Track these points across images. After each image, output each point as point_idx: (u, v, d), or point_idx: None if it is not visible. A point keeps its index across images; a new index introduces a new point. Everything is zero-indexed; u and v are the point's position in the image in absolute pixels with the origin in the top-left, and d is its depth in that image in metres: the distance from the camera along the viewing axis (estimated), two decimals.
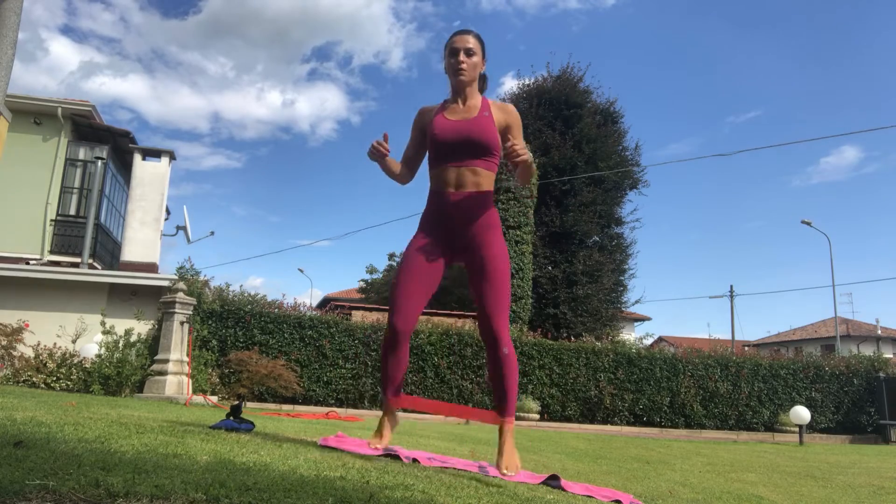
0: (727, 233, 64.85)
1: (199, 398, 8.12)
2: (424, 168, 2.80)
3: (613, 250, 18.43)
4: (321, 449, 2.97)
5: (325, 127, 74.59)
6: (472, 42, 2.64)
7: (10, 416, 3.09)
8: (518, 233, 14.96)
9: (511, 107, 2.70)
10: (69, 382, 8.33)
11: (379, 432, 2.87)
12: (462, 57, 2.62)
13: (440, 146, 2.58)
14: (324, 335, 11.74)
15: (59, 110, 12.75)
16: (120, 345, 8.57)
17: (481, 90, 2.73)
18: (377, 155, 2.60)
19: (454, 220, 2.57)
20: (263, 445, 2.77)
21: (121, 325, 8.85)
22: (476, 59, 2.65)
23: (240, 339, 11.22)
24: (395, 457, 2.97)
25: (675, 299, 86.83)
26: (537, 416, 11.93)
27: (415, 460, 2.94)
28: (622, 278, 18.52)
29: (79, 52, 68.60)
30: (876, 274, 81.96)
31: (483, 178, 2.57)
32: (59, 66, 67.40)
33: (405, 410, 12.22)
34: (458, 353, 11.98)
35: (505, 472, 2.54)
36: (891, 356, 17.91)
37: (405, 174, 2.77)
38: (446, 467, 2.87)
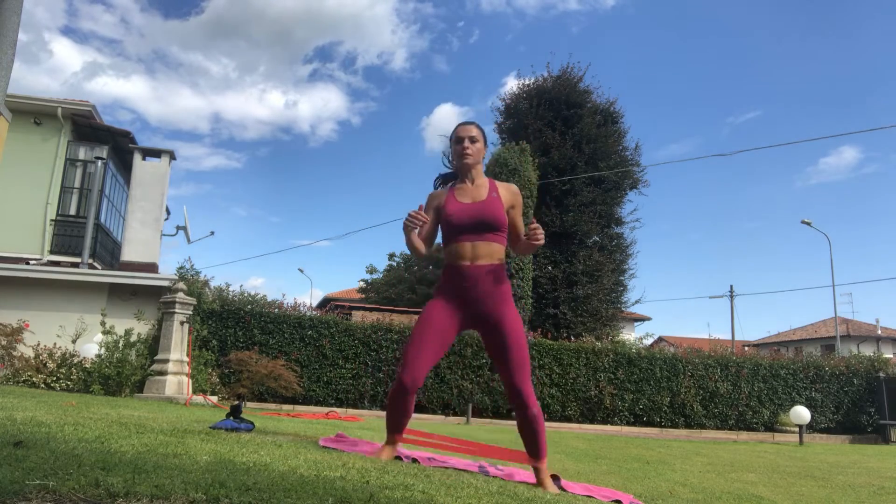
0: (727, 233, 64.89)
1: (199, 398, 8.11)
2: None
3: (613, 250, 18.42)
4: (321, 449, 2.97)
5: (326, 127, 74.62)
6: (474, 131, 2.95)
7: (10, 416, 3.09)
8: None
9: (515, 188, 2.98)
10: (69, 382, 8.32)
11: (379, 454, 2.93)
12: (466, 144, 2.91)
13: (455, 226, 2.81)
14: (324, 335, 11.74)
15: (59, 110, 12.74)
16: (120, 345, 8.56)
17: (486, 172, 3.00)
18: (416, 223, 2.75)
19: (470, 291, 2.78)
20: (263, 445, 2.77)
21: (121, 325, 8.85)
22: (479, 145, 2.94)
23: (240, 339, 11.21)
24: (397, 457, 2.97)
25: (675, 299, 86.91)
26: None
27: (414, 460, 2.94)
28: (622, 278, 18.50)
29: (80, 54, 68.62)
30: (876, 274, 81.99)
31: (496, 250, 2.82)
32: (60, 68, 67.43)
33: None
34: (459, 353, 11.98)
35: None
36: (891, 356, 17.91)
37: (424, 249, 2.96)
38: (446, 467, 2.87)
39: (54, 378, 8.32)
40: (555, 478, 2.93)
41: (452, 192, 2.91)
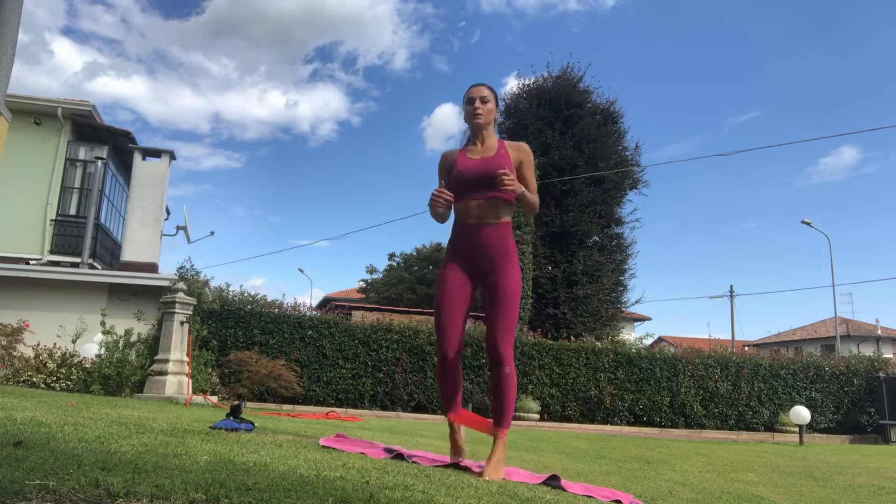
0: (727, 233, 64.84)
1: (199, 398, 8.12)
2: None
3: (613, 250, 18.42)
4: (321, 449, 2.97)
5: (326, 128, 74.59)
6: (486, 91, 2.96)
7: (10, 416, 3.09)
8: (518, 233, 14.95)
9: (525, 145, 3.00)
10: (69, 382, 8.32)
11: (455, 448, 3.07)
12: (478, 104, 2.92)
13: (463, 182, 2.84)
14: (324, 335, 11.74)
15: (59, 110, 12.75)
16: (120, 345, 8.56)
17: (497, 133, 3.06)
18: (443, 203, 2.80)
19: (476, 249, 2.84)
20: (263, 445, 2.77)
21: (121, 325, 8.85)
22: (490, 105, 2.95)
23: (240, 339, 11.22)
24: (398, 457, 2.98)
25: (675, 299, 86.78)
26: (537, 416, 11.93)
27: (401, 456, 2.94)
28: (622, 278, 18.50)
29: (80, 54, 68.61)
30: (876, 274, 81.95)
31: (502, 209, 2.84)
32: (61, 68, 67.41)
33: (405, 410, 12.15)
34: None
35: (487, 477, 2.65)
36: (891, 356, 17.92)
37: (446, 214, 3.00)
38: (446, 467, 2.87)
39: (54, 378, 8.32)
40: (554, 478, 2.93)
41: (463, 151, 2.95)
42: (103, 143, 13.46)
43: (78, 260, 12.35)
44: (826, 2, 59.35)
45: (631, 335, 20.05)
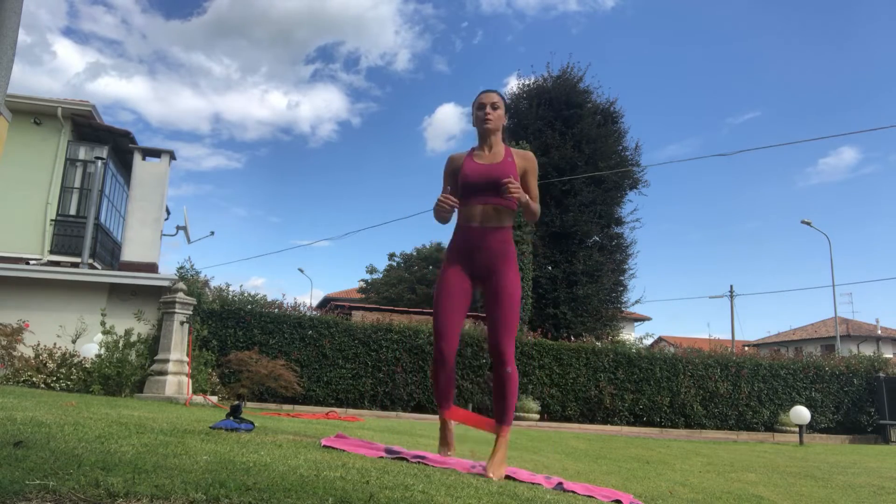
0: (727, 233, 64.76)
1: (199, 398, 8.11)
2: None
3: (613, 250, 18.42)
4: (321, 449, 2.97)
5: (326, 128, 74.56)
6: (496, 98, 3.02)
7: (10, 416, 3.09)
8: (518, 233, 14.94)
9: (530, 154, 3.06)
10: (69, 382, 8.32)
11: (444, 441, 3.14)
12: (489, 109, 2.98)
13: (468, 185, 2.90)
14: (324, 335, 11.74)
15: (59, 110, 12.74)
16: (120, 345, 8.56)
17: (505, 141, 3.08)
18: (447, 209, 2.87)
19: (477, 252, 2.89)
20: (263, 445, 2.77)
21: (121, 325, 8.84)
22: (500, 111, 3.01)
23: (240, 339, 11.21)
24: (398, 457, 2.98)
25: (675, 299, 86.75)
26: (537, 416, 11.93)
27: (417, 461, 2.94)
28: (622, 278, 18.50)
29: (81, 55, 68.58)
30: (876, 274, 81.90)
31: (505, 215, 2.90)
32: (62, 69, 67.38)
33: (405, 410, 12.15)
34: (458, 353, 11.93)
35: (490, 476, 2.70)
36: (891, 356, 17.92)
37: (449, 217, 3.05)
38: (446, 467, 2.87)
39: (54, 378, 8.31)
40: (560, 484, 2.94)
41: (470, 155, 3.00)
42: (103, 143, 13.45)
43: (78, 260, 12.34)
44: (826, 2, 59.36)
45: (631, 335, 20.04)
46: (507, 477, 2.80)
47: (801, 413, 10.80)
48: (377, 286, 26.53)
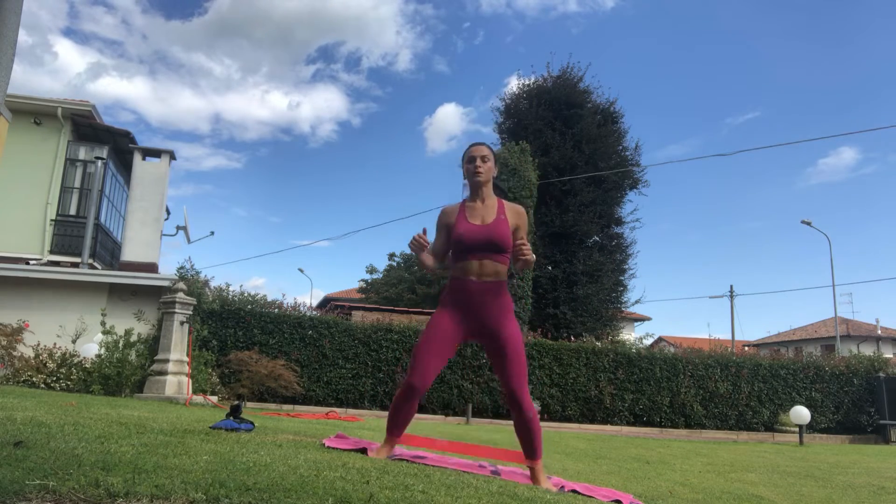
0: (727, 233, 64.78)
1: (199, 398, 8.11)
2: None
3: (613, 250, 18.41)
4: (321, 449, 2.97)
5: (326, 128, 74.56)
6: (485, 151, 3.10)
7: (10, 416, 3.09)
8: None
9: (522, 209, 3.13)
10: (69, 382, 8.32)
11: (377, 453, 3.04)
12: (479, 163, 3.04)
13: (465, 247, 2.96)
14: (324, 335, 11.74)
15: (59, 110, 12.74)
16: (120, 345, 8.56)
17: (497, 193, 3.14)
18: (418, 248, 2.94)
19: (475, 304, 2.94)
20: (263, 445, 2.77)
21: (121, 325, 8.84)
22: (489, 164, 3.08)
23: (240, 339, 11.21)
24: (398, 457, 2.97)
25: (675, 299, 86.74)
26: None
27: (417, 461, 2.94)
28: (622, 278, 18.48)
29: (82, 55, 68.60)
30: (876, 274, 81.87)
31: (501, 268, 2.97)
32: (63, 69, 67.39)
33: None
34: (459, 353, 11.98)
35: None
36: (891, 356, 17.92)
37: (436, 265, 3.14)
38: (446, 467, 2.87)
39: (54, 378, 8.31)
40: (562, 488, 2.95)
41: (463, 212, 3.04)
42: (103, 143, 13.45)
43: (78, 260, 12.34)
44: (826, 3, 59.36)
45: (631, 335, 20.04)
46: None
47: (801, 413, 10.79)
48: (377, 286, 26.52)
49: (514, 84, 36.76)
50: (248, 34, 69.45)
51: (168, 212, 15.26)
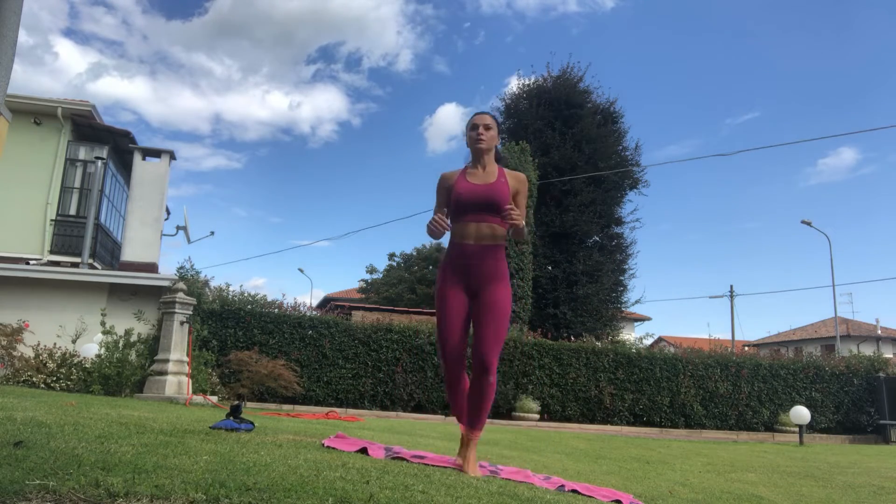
0: (727, 233, 64.74)
1: (199, 398, 8.11)
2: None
3: (613, 250, 18.40)
4: (321, 449, 2.97)
5: (326, 128, 74.55)
6: (489, 119, 3.11)
7: (10, 416, 3.09)
8: None
9: (522, 175, 3.13)
10: (69, 382, 8.32)
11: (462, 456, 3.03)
12: (482, 130, 3.06)
13: (462, 205, 2.97)
14: (324, 335, 11.74)
15: (59, 110, 12.73)
16: (120, 345, 8.56)
17: (498, 161, 3.15)
18: (439, 230, 2.95)
19: (473, 268, 2.95)
20: (263, 445, 2.77)
21: (121, 325, 8.84)
22: (493, 132, 3.09)
23: (240, 339, 11.21)
24: (398, 457, 2.98)
25: (675, 299, 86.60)
26: (537, 416, 11.92)
27: (417, 461, 2.94)
28: (622, 278, 18.48)
29: (82, 56, 68.59)
30: (876, 274, 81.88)
31: (498, 232, 2.97)
32: (64, 69, 67.39)
33: (405, 411, 12.13)
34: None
35: (469, 473, 2.77)
36: (891, 356, 17.92)
37: (442, 235, 3.11)
38: (446, 467, 2.87)
39: (54, 378, 8.31)
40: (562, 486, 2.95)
41: (464, 174, 3.06)
42: (103, 143, 13.45)
43: (78, 260, 12.34)
44: (825, 2, 59.34)
45: (631, 335, 20.03)
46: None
47: (801, 413, 10.79)
48: (377, 286, 26.53)
49: (514, 84, 36.73)
50: (248, 34, 69.45)
51: (168, 212, 15.27)
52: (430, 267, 24.64)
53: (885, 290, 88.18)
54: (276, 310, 11.84)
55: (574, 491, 2.89)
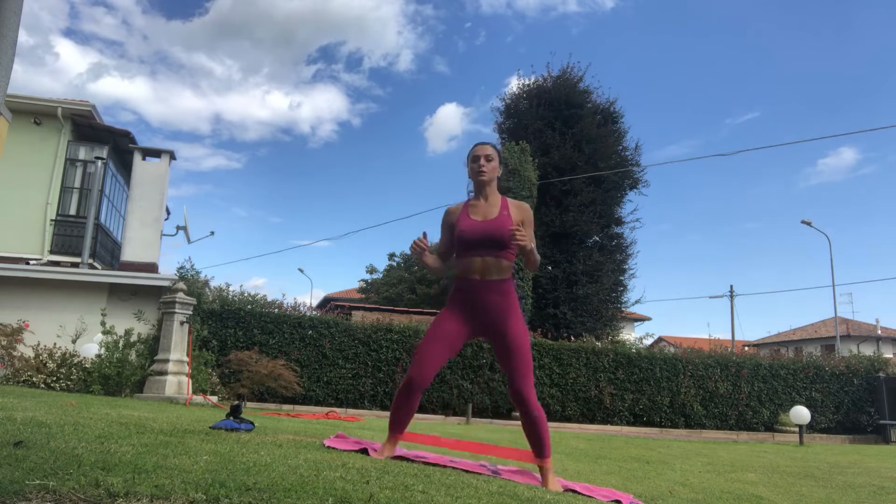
0: (727, 233, 64.78)
1: (199, 398, 8.11)
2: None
3: (613, 250, 18.39)
4: (321, 449, 2.97)
5: (326, 128, 74.57)
6: (489, 150, 3.08)
7: (10, 416, 3.09)
8: None
9: (526, 205, 3.11)
10: (69, 382, 8.32)
11: (380, 452, 3.02)
12: (483, 162, 3.03)
13: (466, 242, 2.94)
14: (324, 335, 11.74)
15: (59, 110, 12.73)
16: (120, 345, 8.56)
17: (500, 190, 3.13)
18: (419, 252, 2.93)
19: (481, 304, 2.93)
20: (263, 445, 2.77)
21: (121, 325, 8.84)
22: (494, 163, 3.06)
23: (240, 339, 11.21)
24: (398, 457, 2.98)
25: (675, 299, 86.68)
26: None
27: (408, 458, 2.94)
28: (622, 278, 18.47)
29: (82, 56, 68.60)
30: (876, 274, 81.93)
31: (505, 266, 2.96)
32: (62, 69, 67.39)
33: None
34: (459, 353, 11.95)
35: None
36: (891, 356, 17.92)
37: (442, 266, 3.15)
38: (447, 467, 2.87)
39: (54, 378, 8.31)
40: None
41: (466, 209, 3.03)
42: (103, 143, 13.45)
43: (78, 260, 12.34)
44: (825, 2, 59.36)
45: (631, 335, 20.02)
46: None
47: (801, 413, 10.79)
48: (377, 286, 26.51)
49: (514, 84, 36.72)
50: (249, 34, 69.47)
51: (168, 212, 15.26)
52: None
53: (885, 290, 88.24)
54: (276, 310, 11.84)
55: (574, 491, 2.89)
